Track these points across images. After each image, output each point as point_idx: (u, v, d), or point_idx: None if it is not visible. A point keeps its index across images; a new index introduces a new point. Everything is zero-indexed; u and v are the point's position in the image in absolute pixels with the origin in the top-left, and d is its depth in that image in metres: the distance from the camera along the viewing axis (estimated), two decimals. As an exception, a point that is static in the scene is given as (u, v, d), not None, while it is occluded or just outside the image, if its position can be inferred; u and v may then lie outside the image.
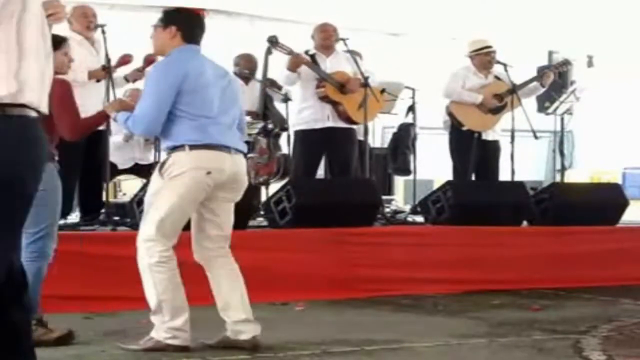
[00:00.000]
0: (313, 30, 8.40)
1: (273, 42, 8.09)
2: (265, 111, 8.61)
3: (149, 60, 7.37)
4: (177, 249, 5.07)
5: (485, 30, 10.10)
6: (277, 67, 8.44)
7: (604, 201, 8.29)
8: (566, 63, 9.47)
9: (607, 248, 7.95)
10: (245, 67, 8.79)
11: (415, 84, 9.47)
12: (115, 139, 7.84)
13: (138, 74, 7.61)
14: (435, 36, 12.08)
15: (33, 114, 2.81)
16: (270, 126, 8.44)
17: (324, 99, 8.14)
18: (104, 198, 7.41)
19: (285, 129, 8.66)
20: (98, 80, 7.33)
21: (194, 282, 5.24)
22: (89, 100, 6.66)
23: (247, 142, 8.40)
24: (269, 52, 8.37)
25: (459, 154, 8.73)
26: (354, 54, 8.33)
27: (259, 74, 8.71)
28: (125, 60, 7.51)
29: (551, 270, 7.67)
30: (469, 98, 8.62)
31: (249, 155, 8.48)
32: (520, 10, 11.51)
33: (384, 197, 8.89)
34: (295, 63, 8.02)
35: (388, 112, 9.61)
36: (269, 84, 8.63)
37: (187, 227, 5.10)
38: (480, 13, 11.31)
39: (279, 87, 8.70)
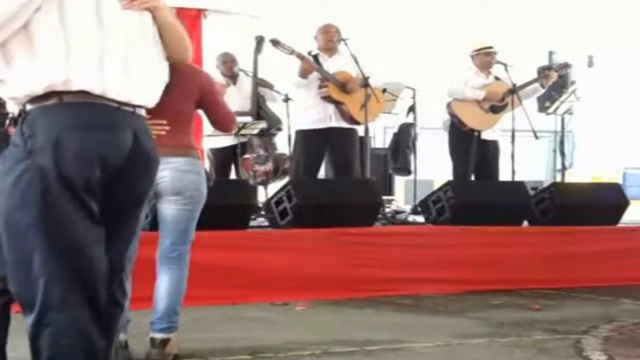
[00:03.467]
0: (316, 31, 8.41)
1: (274, 42, 8.10)
2: (259, 111, 8.62)
3: None
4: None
5: (485, 30, 10.10)
6: (268, 66, 8.47)
7: (604, 201, 8.29)
8: (566, 66, 9.46)
9: (607, 248, 7.95)
10: (232, 67, 8.79)
11: (415, 84, 9.48)
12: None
13: None
14: (435, 36, 12.07)
15: (99, 100, 2.70)
16: (265, 126, 8.45)
17: (327, 98, 8.15)
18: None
19: (280, 129, 8.66)
20: None
21: (193, 282, 5.25)
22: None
23: (242, 143, 8.52)
24: (258, 50, 8.38)
25: (458, 154, 8.74)
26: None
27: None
28: None
29: (551, 270, 7.67)
30: (471, 95, 8.64)
31: (245, 155, 8.51)
32: (520, 10, 11.50)
33: (384, 197, 8.89)
34: (306, 70, 8.04)
35: (389, 112, 9.62)
36: (260, 82, 8.63)
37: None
38: (480, 13, 11.31)
39: (270, 86, 8.71)
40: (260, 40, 8.34)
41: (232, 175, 8.83)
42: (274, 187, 8.16)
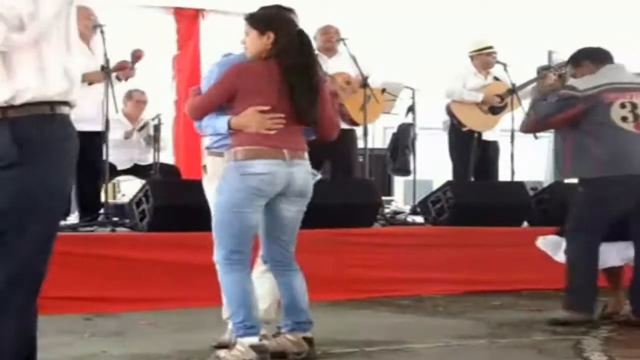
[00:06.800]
0: (315, 31, 8.39)
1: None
2: None
3: (136, 56, 7.39)
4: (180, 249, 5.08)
5: (485, 30, 10.09)
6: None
7: (604, 201, 8.26)
8: (565, 64, 9.45)
9: (606, 248, 7.92)
10: None
11: (415, 84, 9.46)
12: (115, 137, 7.74)
13: (129, 71, 7.51)
14: (435, 36, 12.06)
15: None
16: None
17: (326, 99, 8.12)
18: (102, 199, 7.39)
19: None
20: (90, 83, 7.13)
21: (192, 284, 5.24)
22: (84, 102, 6.59)
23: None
24: None
25: (458, 154, 8.73)
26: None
27: None
28: (137, 55, 7.44)
29: (552, 271, 7.63)
30: (469, 97, 8.63)
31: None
32: (520, 10, 11.48)
33: (384, 198, 8.88)
34: None
35: (388, 112, 9.60)
36: None
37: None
38: (480, 13, 11.29)
39: None
40: None
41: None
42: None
